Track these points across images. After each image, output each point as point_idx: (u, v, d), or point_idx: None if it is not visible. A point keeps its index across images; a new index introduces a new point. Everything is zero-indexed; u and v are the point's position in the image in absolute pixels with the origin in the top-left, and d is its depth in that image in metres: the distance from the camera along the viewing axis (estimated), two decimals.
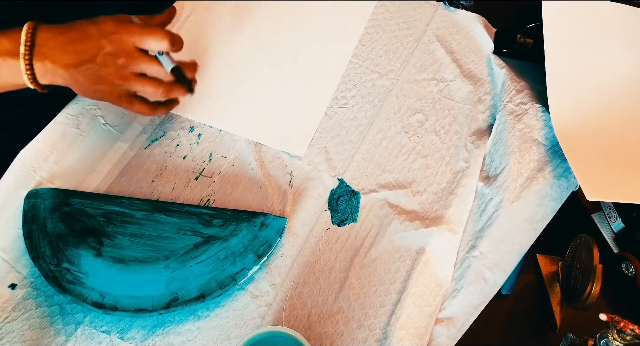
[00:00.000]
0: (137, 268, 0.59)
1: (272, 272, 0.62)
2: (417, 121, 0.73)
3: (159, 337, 0.58)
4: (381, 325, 0.60)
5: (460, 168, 0.70)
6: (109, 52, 0.57)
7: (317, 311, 0.61)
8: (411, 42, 0.80)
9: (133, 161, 0.68)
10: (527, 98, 0.73)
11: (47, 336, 0.57)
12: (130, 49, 0.58)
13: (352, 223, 0.66)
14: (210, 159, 0.69)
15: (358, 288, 0.62)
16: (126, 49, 0.58)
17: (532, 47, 0.78)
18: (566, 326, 0.63)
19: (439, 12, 0.82)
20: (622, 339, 0.54)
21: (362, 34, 0.79)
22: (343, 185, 0.68)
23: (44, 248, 0.59)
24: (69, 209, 0.61)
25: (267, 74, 0.76)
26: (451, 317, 0.61)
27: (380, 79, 0.76)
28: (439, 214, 0.67)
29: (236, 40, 0.78)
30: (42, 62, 0.57)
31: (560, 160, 0.69)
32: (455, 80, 0.77)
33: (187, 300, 0.58)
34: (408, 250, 0.64)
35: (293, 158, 0.69)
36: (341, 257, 0.64)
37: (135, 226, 0.61)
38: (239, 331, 0.59)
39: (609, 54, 0.76)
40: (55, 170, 0.66)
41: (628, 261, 0.65)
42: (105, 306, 0.57)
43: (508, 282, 0.64)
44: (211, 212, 0.63)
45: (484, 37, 0.80)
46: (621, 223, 0.67)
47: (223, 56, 0.76)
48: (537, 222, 0.66)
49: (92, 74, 0.58)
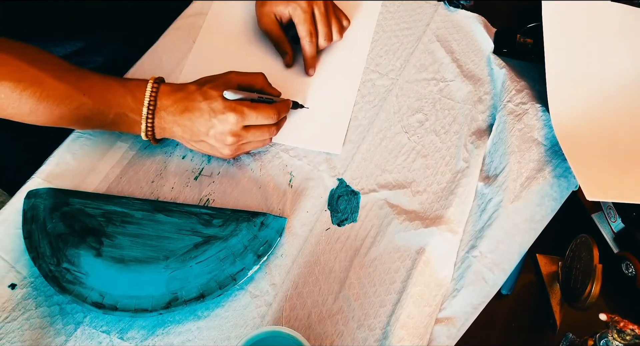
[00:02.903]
0: (137, 268, 0.59)
1: (272, 272, 0.62)
2: (417, 121, 0.73)
3: (159, 337, 0.58)
4: (381, 325, 0.60)
5: (460, 168, 0.70)
6: (220, 132, 0.61)
7: (317, 311, 0.61)
8: (411, 42, 0.80)
9: (133, 161, 0.68)
10: (527, 98, 0.73)
11: (47, 336, 0.57)
12: (237, 130, 0.62)
13: (352, 223, 0.66)
14: (210, 159, 0.69)
15: (358, 288, 0.62)
16: (234, 130, 0.61)
17: (532, 47, 0.78)
18: (566, 326, 0.63)
19: (439, 12, 0.82)
20: (622, 339, 0.54)
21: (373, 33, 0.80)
22: (343, 185, 0.68)
23: (43, 248, 0.59)
24: (68, 209, 0.61)
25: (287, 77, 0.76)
26: (451, 317, 0.61)
27: (380, 79, 0.76)
28: (439, 214, 0.67)
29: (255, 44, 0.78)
30: (162, 129, 0.63)
31: (560, 160, 0.69)
32: (455, 80, 0.77)
33: (187, 300, 0.58)
34: (408, 250, 0.64)
35: (293, 158, 0.69)
36: (341, 257, 0.64)
37: (135, 226, 0.61)
38: (239, 331, 0.59)
39: (609, 54, 0.76)
40: (55, 170, 0.66)
41: (628, 261, 0.65)
42: (105, 306, 0.57)
43: (508, 282, 0.64)
44: (211, 211, 0.63)
45: (484, 37, 0.80)
46: (621, 223, 0.67)
47: (242, 62, 0.76)
48: (537, 222, 0.66)
49: (206, 146, 0.63)
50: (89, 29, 0.77)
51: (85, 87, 0.59)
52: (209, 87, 0.62)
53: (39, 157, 0.66)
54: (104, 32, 0.79)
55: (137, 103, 0.60)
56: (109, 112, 0.60)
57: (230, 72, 0.65)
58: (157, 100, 0.61)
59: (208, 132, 0.61)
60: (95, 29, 0.78)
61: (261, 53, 0.77)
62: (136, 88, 0.61)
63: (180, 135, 0.63)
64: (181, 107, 0.61)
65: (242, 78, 0.65)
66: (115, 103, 0.60)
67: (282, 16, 0.73)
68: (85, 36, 0.78)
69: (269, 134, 0.65)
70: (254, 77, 0.66)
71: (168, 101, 0.61)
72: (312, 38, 0.72)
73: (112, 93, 0.60)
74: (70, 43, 0.77)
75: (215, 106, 0.60)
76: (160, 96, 0.61)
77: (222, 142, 0.62)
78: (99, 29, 0.79)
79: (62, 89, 0.57)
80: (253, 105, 0.62)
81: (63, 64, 0.60)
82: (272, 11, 0.73)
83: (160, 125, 0.62)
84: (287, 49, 0.74)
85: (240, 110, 0.61)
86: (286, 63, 0.75)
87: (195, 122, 0.61)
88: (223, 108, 0.60)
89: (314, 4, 0.71)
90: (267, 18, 0.74)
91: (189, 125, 0.61)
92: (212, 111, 0.60)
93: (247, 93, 0.63)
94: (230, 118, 0.60)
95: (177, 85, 0.63)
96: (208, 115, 0.60)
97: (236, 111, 0.61)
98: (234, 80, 0.64)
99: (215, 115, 0.60)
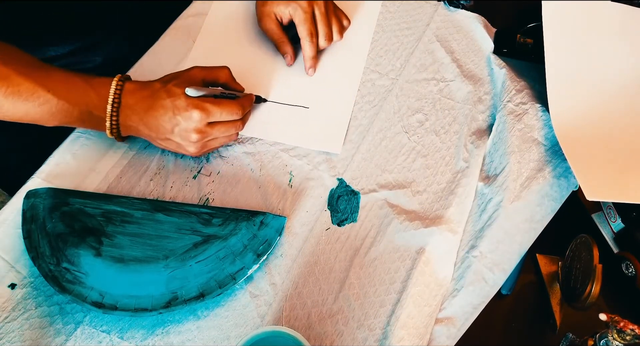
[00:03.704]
0: (136, 268, 0.59)
1: (272, 272, 0.62)
2: (417, 121, 0.73)
3: (159, 337, 0.58)
4: (381, 324, 0.60)
5: (460, 168, 0.70)
6: (184, 129, 0.61)
7: (317, 311, 0.61)
8: (411, 42, 0.80)
9: (133, 161, 0.68)
10: (527, 98, 0.73)
11: (47, 336, 0.57)
12: (201, 127, 0.62)
13: (352, 223, 0.66)
14: (209, 158, 0.69)
15: (358, 288, 0.62)
16: (198, 127, 0.61)
17: (532, 47, 0.78)
18: (566, 326, 0.63)
19: (439, 12, 0.82)
20: (622, 339, 0.54)
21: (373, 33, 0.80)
22: (343, 184, 0.68)
23: (43, 248, 0.59)
24: (68, 209, 0.61)
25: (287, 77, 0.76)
26: (451, 317, 0.61)
27: (380, 79, 0.76)
28: (439, 214, 0.66)
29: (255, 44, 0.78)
30: (127, 127, 0.63)
31: (560, 160, 0.69)
32: (455, 80, 0.77)
33: (186, 299, 0.58)
34: (408, 250, 0.64)
35: (293, 158, 0.69)
36: (341, 257, 0.64)
37: (134, 225, 0.61)
38: (239, 331, 0.59)
39: (609, 54, 0.76)
40: (55, 170, 0.66)
41: (628, 261, 0.65)
42: (105, 305, 0.57)
43: (508, 282, 0.64)
44: (210, 211, 0.63)
45: (484, 37, 0.80)
46: (621, 223, 0.67)
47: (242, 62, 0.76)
48: (537, 222, 0.66)
49: (171, 143, 0.63)
50: (89, 28, 0.77)
51: (50, 83, 0.59)
52: (173, 84, 0.62)
53: (38, 157, 0.66)
54: (104, 31, 0.79)
55: (101, 100, 0.60)
56: (74, 109, 0.60)
57: (193, 67, 0.65)
58: (122, 98, 0.61)
59: (173, 129, 0.61)
60: (95, 28, 0.78)
61: (261, 53, 0.77)
62: (101, 86, 0.60)
63: (146, 133, 0.63)
64: (145, 105, 0.61)
65: (206, 73, 0.65)
66: (79, 101, 0.60)
67: (282, 16, 0.73)
68: (85, 36, 0.78)
69: (234, 129, 0.65)
70: (218, 71, 0.66)
71: (133, 99, 0.61)
72: (312, 38, 0.72)
73: (76, 90, 0.60)
74: (70, 43, 0.77)
75: (178, 103, 0.60)
76: (124, 94, 0.61)
77: (187, 140, 0.62)
78: (98, 29, 0.79)
79: (27, 85, 0.57)
80: (217, 102, 0.62)
81: (29, 60, 0.60)
82: (273, 11, 0.73)
83: (125, 123, 0.62)
84: (288, 49, 0.74)
85: (204, 107, 0.61)
86: (287, 63, 0.75)
87: (159, 120, 0.61)
88: (186, 106, 0.60)
89: (314, 4, 0.71)
90: (267, 18, 0.74)
91: (154, 123, 0.61)
92: (175, 108, 0.60)
93: (209, 90, 0.63)
94: (194, 116, 0.60)
95: (141, 83, 0.63)
96: (172, 112, 0.60)
97: (199, 108, 0.61)
98: (197, 75, 0.64)
99: (179, 112, 0.60)
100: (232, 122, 0.64)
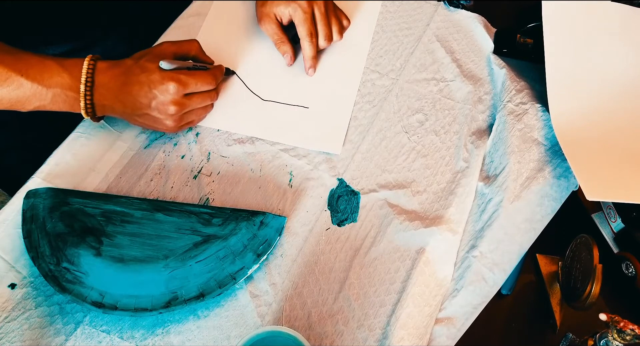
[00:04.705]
0: (136, 268, 0.59)
1: (272, 272, 0.62)
2: (417, 121, 0.73)
3: (159, 336, 0.58)
4: (381, 325, 0.60)
5: (460, 168, 0.70)
6: (162, 102, 0.62)
7: (317, 311, 0.61)
8: (411, 42, 0.80)
9: (132, 161, 0.68)
10: (527, 98, 0.73)
11: (47, 335, 0.57)
12: (178, 99, 0.63)
13: (352, 223, 0.66)
14: (209, 158, 0.69)
15: (358, 288, 0.62)
16: (175, 99, 0.62)
17: (532, 47, 0.78)
18: (566, 326, 0.63)
19: (439, 12, 0.82)
20: (622, 339, 0.54)
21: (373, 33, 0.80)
22: (343, 185, 0.68)
23: (43, 248, 0.59)
24: (68, 209, 0.61)
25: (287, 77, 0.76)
26: (451, 317, 0.61)
27: (380, 79, 0.76)
28: (439, 214, 0.66)
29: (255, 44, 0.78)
30: (102, 106, 0.63)
31: (560, 160, 0.69)
32: (455, 80, 0.77)
33: (186, 299, 0.58)
34: (408, 250, 0.64)
35: (293, 158, 0.69)
36: (341, 257, 0.64)
37: (134, 225, 0.61)
38: (239, 331, 0.59)
39: (609, 54, 0.76)
40: (55, 170, 0.66)
41: (628, 261, 0.65)
42: (105, 305, 0.57)
43: (508, 282, 0.64)
44: (210, 211, 0.63)
45: (484, 37, 0.80)
46: (621, 223, 0.67)
47: (242, 62, 0.76)
48: (537, 222, 0.66)
49: (149, 118, 0.64)
50: (89, 28, 0.78)
51: (23, 67, 0.59)
52: (145, 60, 0.62)
53: (38, 157, 0.66)
54: (104, 31, 0.79)
55: (74, 81, 0.60)
56: (47, 91, 0.60)
57: (163, 42, 0.66)
58: (95, 77, 0.61)
59: (150, 103, 0.62)
60: (95, 28, 0.78)
61: (261, 53, 0.77)
62: (73, 67, 0.61)
63: (121, 110, 0.63)
64: (120, 82, 0.61)
65: (176, 47, 0.66)
66: (52, 82, 0.60)
67: (282, 16, 0.73)
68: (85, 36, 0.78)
69: (210, 100, 0.67)
70: (188, 45, 0.67)
71: (106, 78, 0.61)
72: (312, 38, 0.72)
73: (49, 71, 0.60)
74: (70, 42, 0.77)
75: (154, 78, 0.61)
76: (97, 73, 0.61)
77: (165, 113, 0.63)
78: (98, 29, 0.79)
79: (0, 71, 0.57)
80: (191, 73, 0.64)
81: (0, 46, 0.60)
82: (273, 11, 0.73)
83: (100, 103, 0.62)
84: (288, 49, 0.74)
85: (179, 79, 0.62)
86: (287, 63, 0.75)
87: (136, 96, 0.61)
88: (162, 79, 0.61)
89: (314, 4, 0.71)
90: (267, 18, 0.74)
91: (130, 100, 0.62)
92: (151, 83, 0.61)
93: (182, 63, 0.65)
94: (170, 88, 0.61)
95: (113, 62, 0.63)
96: (148, 87, 0.61)
97: (175, 80, 0.61)
98: (168, 50, 0.65)
99: (155, 86, 0.61)
100: (207, 93, 0.66)
